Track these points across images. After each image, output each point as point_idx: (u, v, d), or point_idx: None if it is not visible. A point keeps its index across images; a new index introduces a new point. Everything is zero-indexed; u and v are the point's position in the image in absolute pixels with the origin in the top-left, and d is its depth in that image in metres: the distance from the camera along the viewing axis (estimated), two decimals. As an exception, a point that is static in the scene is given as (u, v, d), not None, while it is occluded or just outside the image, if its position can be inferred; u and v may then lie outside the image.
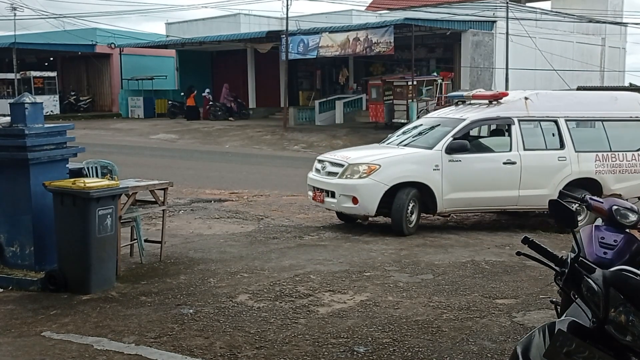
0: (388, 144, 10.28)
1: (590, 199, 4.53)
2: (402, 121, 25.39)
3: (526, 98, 9.81)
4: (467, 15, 28.61)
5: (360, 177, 8.99)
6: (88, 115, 36.34)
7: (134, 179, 7.29)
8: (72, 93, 39.44)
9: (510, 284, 6.48)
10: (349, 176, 9.05)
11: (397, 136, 10.45)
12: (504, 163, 9.29)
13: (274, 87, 33.73)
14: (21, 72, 35.87)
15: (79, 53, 39.20)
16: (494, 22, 28.12)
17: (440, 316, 5.47)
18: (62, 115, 34.30)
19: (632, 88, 29.47)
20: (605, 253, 4.03)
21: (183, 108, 33.47)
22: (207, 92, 32.72)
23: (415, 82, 25.47)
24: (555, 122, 9.67)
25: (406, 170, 9.14)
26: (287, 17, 27.59)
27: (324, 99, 30.81)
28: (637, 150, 9.92)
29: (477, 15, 28.61)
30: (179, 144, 24.48)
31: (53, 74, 37.46)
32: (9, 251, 6.26)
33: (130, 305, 5.62)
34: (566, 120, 9.69)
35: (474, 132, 10.17)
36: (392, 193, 8.90)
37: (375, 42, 25.70)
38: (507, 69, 27.19)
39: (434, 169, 9.04)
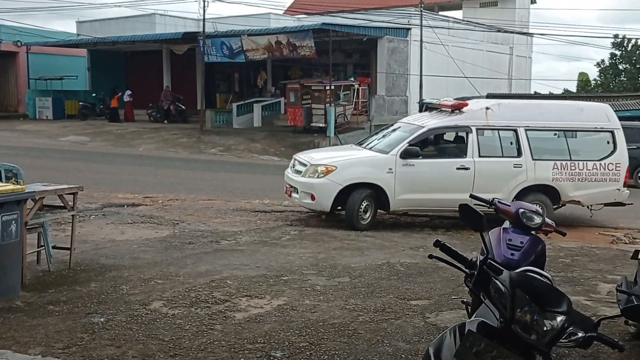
0: (364, 146, 11.05)
1: (499, 202, 4.70)
2: (320, 125, 25.63)
3: (487, 108, 10.36)
4: (383, 22, 29.17)
5: (318, 177, 9.92)
6: (-9, 115, 34.54)
7: (41, 183, 6.98)
8: (-26, 92, 37.34)
9: (424, 286, 6.64)
10: (310, 175, 9.98)
11: (373, 139, 11.17)
12: (457, 168, 9.95)
13: (191, 89, 33.19)
14: None
15: (-18, 51, 37.19)
16: (409, 29, 28.82)
17: (356, 319, 5.53)
18: (-37, 116, 32.43)
19: (566, 95, 30.82)
20: (512, 254, 4.19)
21: (95, 109, 32.37)
22: (128, 95, 31.64)
23: (332, 87, 25.72)
24: (515, 131, 10.17)
25: (360, 172, 9.99)
26: (204, 19, 27.22)
27: (242, 102, 30.60)
28: (600, 160, 10.33)
29: (392, 22, 29.24)
30: (90, 147, 23.66)
31: (-47, 72, 35.37)
32: None
33: (37, 315, 5.37)
34: (526, 130, 10.16)
35: (448, 137, 10.87)
36: (348, 192, 9.77)
37: (299, 46, 25.79)
38: (421, 75, 27.91)
39: (387, 172, 9.83)
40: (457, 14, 40.79)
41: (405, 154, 9.85)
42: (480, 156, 10.03)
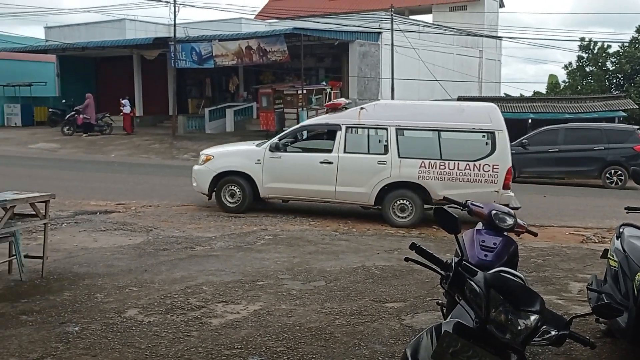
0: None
1: (472, 204, 4.77)
2: (293, 129, 25.62)
3: (362, 108, 11.10)
4: (354, 26, 29.31)
5: (200, 164, 11.66)
6: (-43, 123, 33.87)
7: (11, 192, 6.88)
8: (-61, 99, 36.58)
9: (399, 288, 6.69)
10: (199, 163, 11.71)
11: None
12: (321, 162, 10.79)
13: (162, 94, 32.95)
14: None
15: (-53, 56, 36.45)
16: (380, 33, 29.00)
17: (332, 322, 5.56)
18: None
19: (536, 98, 31.19)
20: (486, 255, 4.26)
21: (64, 116, 31.92)
22: (127, 104, 28.78)
23: (305, 91, 25.76)
24: (385, 129, 10.64)
25: (232, 162, 11.40)
26: (174, 24, 27.09)
27: (214, 107, 30.47)
28: (475, 161, 10.28)
29: (363, 26, 29.39)
30: (61, 154, 23.35)
31: None
32: None
33: (9, 326, 5.29)
34: (397, 129, 10.60)
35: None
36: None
37: (269, 51, 25.76)
38: (392, 79, 28.11)
39: (255, 163, 11.11)
40: (428, 17, 41.25)
41: (273, 148, 11.06)
42: (345, 152, 10.72)
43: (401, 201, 10.58)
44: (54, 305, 5.84)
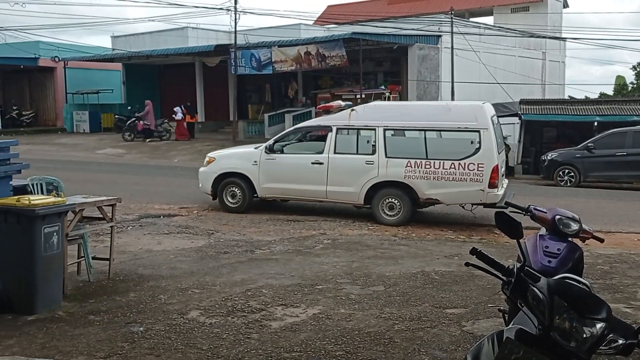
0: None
1: (535, 208, 4.66)
2: (352, 134, 25.63)
3: (352, 109, 11.42)
4: (413, 29, 29.13)
5: (204, 166, 12.24)
6: (31, 130, 35.33)
7: (80, 196, 7.13)
8: (14, 107, 38.26)
9: (460, 294, 6.60)
10: (204, 165, 12.28)
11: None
12: (312, 163, 11.20)
13: (223, 100, 33.53)
14: (-40, 86, 34.67)
15: (22, 67, 38.10)
16: (439, 36, 28.71)
17: (392, 327, 5.53)
18: (4, 131, 33.23)
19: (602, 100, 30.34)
20: (549, 262, 4.15)
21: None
22: (181, 111, 29.36)
23: (363, 95, 25.74)
24: (374, 130, 10.89)
25: (232, 164, 11.94)
26: (235, 31, 27.54)
27: (273, 112, 30.78)
28: (461, 160, 10.34)
29: (422, 30, 29.18)
30: (126, 159, 24.06)
31: (-7, 88, 36.33)
32: (-51, 272, 6.03)
33: (78, 325, 5.49)
34: (384, 129, 10.85)
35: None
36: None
37: (328, 56, 25.88)
38: (452, 82, 27.76)
39: (252, 164, 11.63)
40: (489, 19, 40.54)
41: (268, 149, 11.59)
42: (335, 153, 11.11)
43: (389, 200, 10.84)
44: (120, 306, 6.03)
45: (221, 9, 28.88)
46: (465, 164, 10.29)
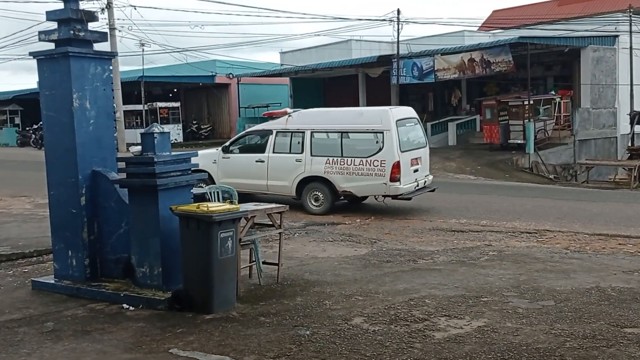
0: None
1: None
2: (519, 142, 24.72)
3: (289, 115, 13.31)
4: (586, 30, 27.50)
5: None
6: (209, 142, 38.01)
7: (252, 203, 7.54)
8: (194, 122, 41.55)
9: (640, 313, 6.10)
10: None
11: None
12: (256, 161, 13.13)
13: (386, 110, 33.77)
14: (148, 103, 38.29)
15: (200, 84, 41.29)
16: (616, 36, 26.89)
17: (563, 344, 5.25)
18: (185, 143, 36.17)
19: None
20: None
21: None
22: None
23: (531, 102, 24.73)
24: (303, 133, 12.69)
25: (198, 162, 12.30)
26: (397, 41, 27.73)
27: (436, 121, 30.55)
28: (368, 157, 12.00)
29: (597, 30, 27.45)
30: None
31: (177, 104, 39.68)
32: (139, 272, 6.67)
33: (250, 325, 5.81)
34: (311, 132, 12.68)
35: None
36: None
37: (493, 62, 25.21)
38: (631, 84, 25.82)
39: (213, 162, 13.54)
40: (674, 15, 37.10)
41: (223, 150, 13.68)
42: (274, 152, 12.98)
43: (314, 192, 12.63)
44: (288, 309, 6.29)
45: (384, 20, 29.22)
46: (371, 160, 11.97)
